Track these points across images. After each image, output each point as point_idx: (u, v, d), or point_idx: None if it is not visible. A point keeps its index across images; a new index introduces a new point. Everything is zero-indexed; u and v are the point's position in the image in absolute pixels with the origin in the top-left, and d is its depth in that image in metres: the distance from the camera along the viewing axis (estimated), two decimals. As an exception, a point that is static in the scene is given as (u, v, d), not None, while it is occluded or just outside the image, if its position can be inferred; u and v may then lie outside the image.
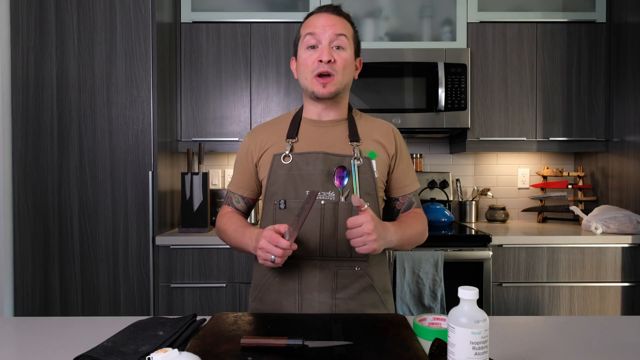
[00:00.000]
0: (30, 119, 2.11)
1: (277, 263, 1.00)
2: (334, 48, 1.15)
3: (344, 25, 1.17)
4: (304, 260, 1.15)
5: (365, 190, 1.17)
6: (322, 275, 1.14)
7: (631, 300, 2.15)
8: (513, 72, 2.45)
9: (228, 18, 2.43)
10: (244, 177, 1.26)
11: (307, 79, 1.17)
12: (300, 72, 1.19)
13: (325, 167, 1.15)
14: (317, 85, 1.15)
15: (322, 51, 1.14)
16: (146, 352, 0.81)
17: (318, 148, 1.18)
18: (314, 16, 1.18)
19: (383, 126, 1.26)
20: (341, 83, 1.16)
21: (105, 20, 2.12)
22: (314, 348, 0.80)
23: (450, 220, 2.45)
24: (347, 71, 1.17)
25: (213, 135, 2.44)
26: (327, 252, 1.14)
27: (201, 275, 2.16)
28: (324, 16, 1.16)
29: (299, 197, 1.15)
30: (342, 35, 1.15)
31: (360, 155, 1.17)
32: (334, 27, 1.14)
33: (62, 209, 2.12)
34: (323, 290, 1.14)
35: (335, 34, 1.14)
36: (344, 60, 1.15)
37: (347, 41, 1.16)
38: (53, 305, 2.12)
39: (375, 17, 2.45)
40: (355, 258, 1.16)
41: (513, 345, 0.91)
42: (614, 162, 2.45)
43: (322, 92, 1.15)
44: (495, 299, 2.16)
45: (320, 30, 1.14)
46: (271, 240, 0.99)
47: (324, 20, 1.15)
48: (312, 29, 1.15)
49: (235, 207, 1.29)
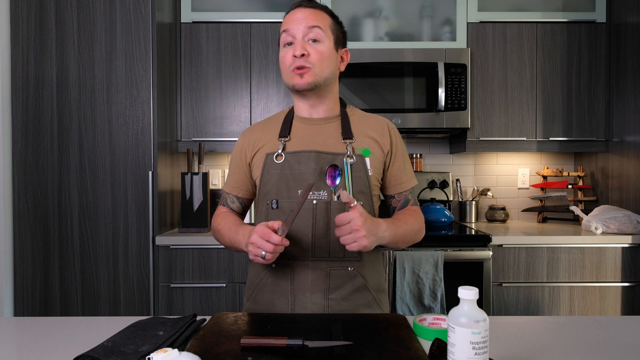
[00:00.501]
0: (30, 119, 2.11)
1: (267, 259, 0.98)
2: (310, 42, 1.13)
3: (318, 16, 1.14)
4: (296, 261, 1.14)
5: (358, 188, 1.15)
6: (315, 275, 1.13)
7: (631, 300, 2.15)
8: (513, 72, 2.45)
9: (228, 18, 2.43)
10: (239, 177, 1.25)
11: (287, 75, 1.16)
12: (281, 70, 1.19)
13: (317, 166, 1.13)
14: (295, 76, 1.14)
15: (295, 46, 1.13)
16: (146, 352, 0.81)
17: (310, 146, 1.17)
18: (289, 13, 1.17)
19: (377, 122, 1.24)
20: (319, 75, 1.14)
21: (105, 20, 2.12)
22: (314, 348, 0.80)
23: (450, 220, 2.45)
24: (326, 63, 1.15)
25: (213, 135, 2.44)
26: (319, 252, 1.13)
27: (201, 275, 2.16)
28: (297, 11, 1.15)
29: (292, 197, 1.14)
30: (316, 27, 1.13)
31: (354, 153, 1.15)
32: (306, 19, 1.13)
33: (62, 209, 2.12)
34: (315, 290, 1.13)
35: (308, 27, 1.12)
36: (320, 53, 1.13)
37: (323, 33, 1.14)
38: (53, 305, 2.12)
39: (375, 17, 2.45)
40: (348, 258, 1.14)
41: (513, 345, 0.91)
42: (614, 162, 2.45)
43: (300, 83, 1.13)
44: (495, 299, 2.16)
45: (293, 25, 1.13)
46: (263, 235, 0.98)
47: (297, 14, 1.14)
48: (286, 26, 1.15)
49: (230, 207, 1.28)
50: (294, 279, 1.14)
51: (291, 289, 1.14)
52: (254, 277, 1.21)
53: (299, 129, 1.20)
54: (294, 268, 1.14)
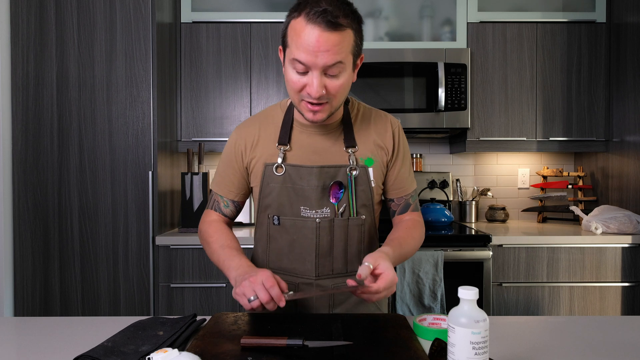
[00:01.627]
0: (30, 119, 2.11)
1: (252, 305, 0.89)
2: (327, 76, 0.97)
3: (341, 45, 0.94)
4: (300, 279, 1.13)
5: (362, 202, 1.12)
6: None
7: (631, 300, 2.15)
8: (513, 72, 2.45)
9: (228, 18, 2.43)
10: (234, 179, 1.16)
11: (295, 100, 1.03)
12: (288, 90, 1.03)
13: (319, 183, 1.09)
14: (307, 111, 1.01)
15: (311, 85, 0.96)
16: (146, 352, 0.81)
17: (312, 157, 1.10)
18: (305, 30, 0.93)
19: (381, 122, 1.16)
20: (335, 107, 1.03)
21: (105, 20, 2.12)
22: (314, 348, 0.80)
23: (450, 220, 2.45)
24: (343, 93, 1.02)
25: (213, 135, 2.44)
26: (323, 270, 1.12)
27: (201, 275, 2.16)
28: (316, 34, 0.92)
29: (294, 213, 1.11)
30: (338, 63, 0.95)
31: (357, 164, 1.11)
32: (328, 53, 0.93)
33: (62, 209, 2.12)
34: (320, 307, 1.13)
35: (328, 65, 0.94)
36: (339, 87, 0.98)
37: (344, 65, 0.97)
38: (53, 305, 2.12)
39: (375, 17, 2.45)
40: (351, 273, 1.14)
41: (513, 345, 0.91)
42: (614, 162, 2.45)
43: (313, 119, 1.02)
44: (495, 299, 2.16)
45: (311, 58, 0.93)
46: (266, 282, 0.89)
47: (317, 42, 0.92)
48: (301, 53, 0.94)
49: (223, 212, 1.19)
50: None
51: (295, 305, 1.13)
52: None
53: (299, 136, 1.12)
54: (298, 286, 1.13)
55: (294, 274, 1.13)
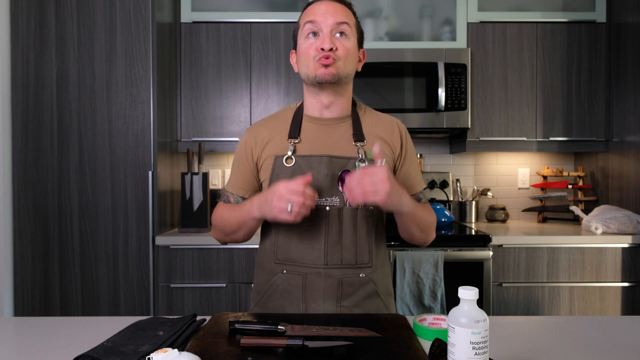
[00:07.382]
0: (30, 119, 2.11)
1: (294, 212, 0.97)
2: (336, 35, 1.11)
3: (346, 13, 1.13)
4: (308, 268, 1.12)
5: None
6: (327, 283, 1.11)
7: (631, 300, 2.15)
8: (513, 72, 2.45)
9: (228, 18, 2.43)
10: (245, 177, 1.20)
11: (309, 67, 1.12)
12: (301, 62, 1.14)
13: (329, 172, 1.11)
14: (320, 67, 1.10)
15: (323, 39, 1.09)
16: (146, 352, 0.81)
17: (321, 149, 1.14)
18: (314, 4, 1.14)
19: (388, 123, 1.21)
20: (343, 70, 1.11)
21: (105, 20, 2.12)
22: (314, 348, 0.80)
23: (450, 220, 2.45)
24: (350, 61, 1.13)
25: (213, 135, 2.44)
26: (332, 260, 1.12)
27: (201, 275, 2.16)
28: (324, 4, 1.12)
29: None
30: (344, 24, 1.11)
31: (365, 157, 1.13)
32: (335, 14, 1.10)
33: (62, 209, 2.12)
34: (328, 298, 1.11)
35: (337, 22, 1.10)
36: (347, 49, 1.11)
37: (350, 29, 1.12)
38: (53, 305, 2.12)
39: (375, 17, 2.45)
40: (360, 265, 1.13)
41: (513, 345, 0.91)
42: (614, 162, 2.45)
43: (324, 73, 1.09)
44: (495, 299, 2.16)
45: (321, 18, 1.10)
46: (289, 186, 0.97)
47: (325, 7, 1.11)
48: (312, 17, 1.11)
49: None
50: (305, 287, 1.12)
51: (303, 296, 1.12)
52: (262, 283, 1.18)
53: (309, 130, 1.17)
54: (306, 275, 1.12)
55: (302, 263, 1.12)
